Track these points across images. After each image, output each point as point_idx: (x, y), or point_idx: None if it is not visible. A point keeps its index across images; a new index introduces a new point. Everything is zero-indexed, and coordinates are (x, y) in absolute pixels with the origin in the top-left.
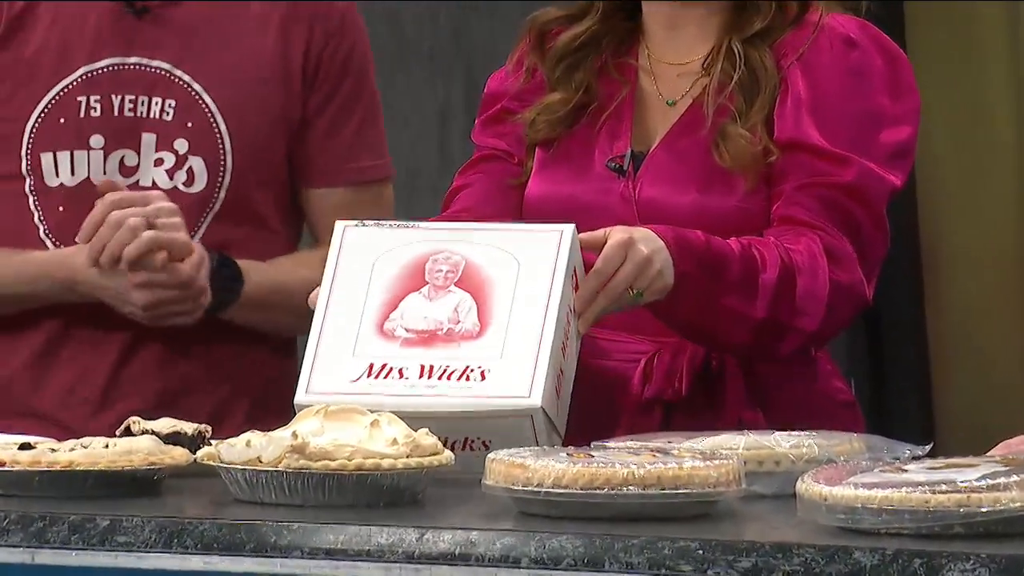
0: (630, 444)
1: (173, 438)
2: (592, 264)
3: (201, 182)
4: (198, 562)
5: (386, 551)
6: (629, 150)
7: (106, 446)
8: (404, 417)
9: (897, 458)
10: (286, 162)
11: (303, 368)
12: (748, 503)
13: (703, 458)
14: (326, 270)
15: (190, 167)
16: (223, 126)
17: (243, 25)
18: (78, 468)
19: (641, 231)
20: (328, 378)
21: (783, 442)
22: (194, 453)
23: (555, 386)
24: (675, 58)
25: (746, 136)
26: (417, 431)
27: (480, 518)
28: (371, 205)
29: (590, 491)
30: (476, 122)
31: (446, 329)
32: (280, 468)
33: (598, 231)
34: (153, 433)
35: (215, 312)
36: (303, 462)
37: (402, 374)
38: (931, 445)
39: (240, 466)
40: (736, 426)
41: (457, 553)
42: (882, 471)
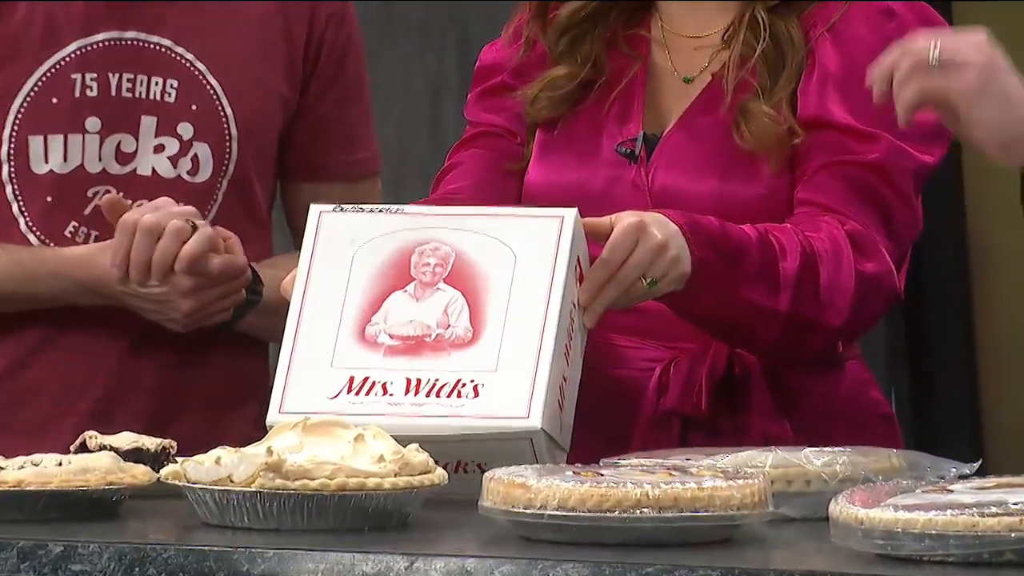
0: (644, 462)
1: (134, 455)
2: (599, 256)
3: (207, 171)
4: None
5: None
6: (641, 133)
7: (59, 464)
8: None
9: (942, 477)
10: (277, 151)
11: (276, 382)
12: (775, 527)
13: (725, 477)
14: (300, 262)
15: (195, 154)
16: (228, 109)
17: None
18: (28, 488)
19: (652, 215)
20: (304, 395)
21: (814, 459)
22: (157, 471)
23: (557, 399)
24: (692, 30)
25: (770, 114)
26: (406, 446)
27: (476, 544)
28: (363, 199)
29: (599, 514)
30: (469, 96)
31: (435, 335)
32: (253, 488)
33: (603, 217)
34: (112, 449)
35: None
36: (279, 481)
37: (386, 389)
38: (980, 463)
39: (209, 486)
40: (762, 442)
41: None
42: (925, 491)
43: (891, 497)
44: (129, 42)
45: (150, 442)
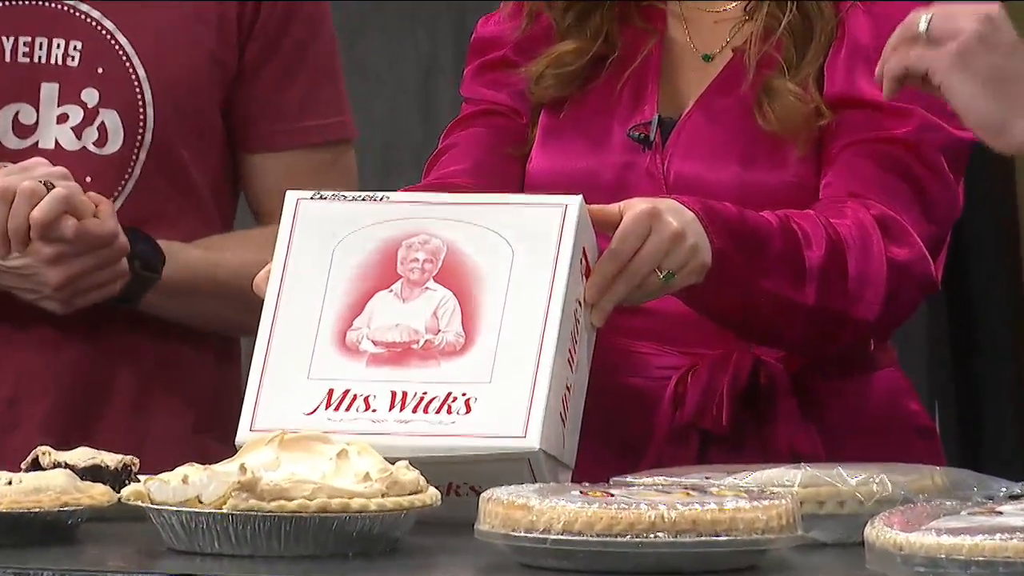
0: (659, 480)
1: (92, 472)
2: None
3: (116, 141)
4: None
5: None
6: (656, 116)
7: (8, 483)
8: None
9: (990, 498)
10: (221, 120)
11: (247, 395)
12: (805, 553)
13: (749, 497)
14: (275, 256)
15: (102, 123)
16: (141, 71)
17: None
18: None
19: (666, 201)
20: (277, 410)
21: (848, 477)
22: (118, 491)
23: (559, 412)
24: (712, 2)
25: (795, 92)
26: (395, 463)
27: (473, 572)
28: (327, 171)
29: (609, 539)
30: (465, 71)
31: (423, 341)
32: (225, 510)
33: (612, 205)
34: (67, 466)
35: (131, 300)
36: (253, 502)
37: (368, 404)
38: None
39: (175, 507)
40: (789, 458)
41: None
42: (971, 513)
43: (933, 520)
44: (26, 1)
45: (110, 459)
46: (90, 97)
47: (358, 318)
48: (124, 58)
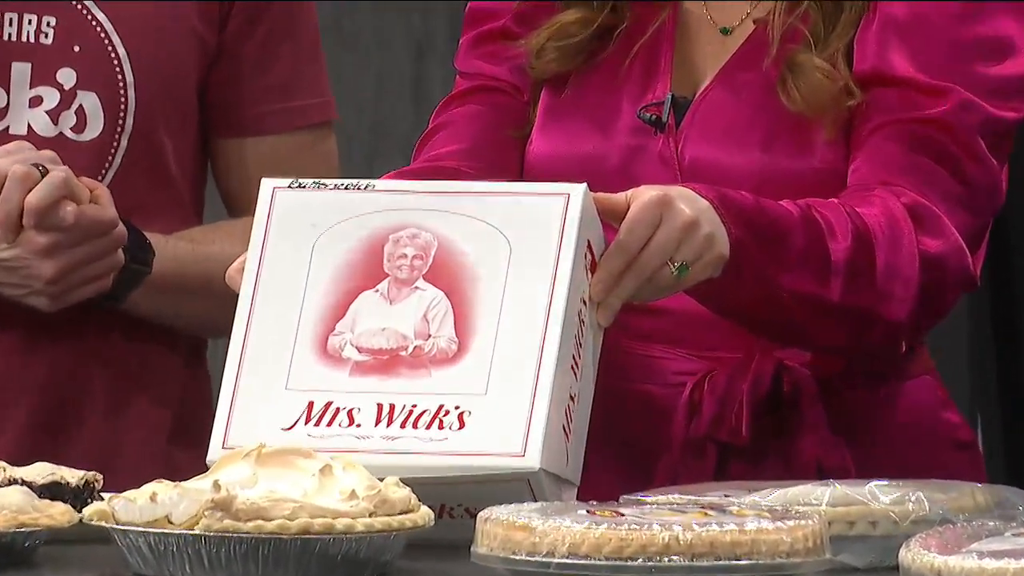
0: (673, 498)
1: (51, 490)
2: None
3: (96, 126)
4: None
5: None
6: (669, 94)
7: None
8: None
9: None
10: (198, 101)
11: (219, 409)
12: None
13: (773, 517)
14: (250, 251)
15: (80, 106)
16: (122, 49)
17: None
18: None
19: (677, 188)
20: (252, 425)
21: (881, 495)
22: (80, 510)
23: (562, 425)
24: None
25: (823, 68)
26: (384, 480)
27: None
28: (308, 156)
29: (619, 562)
30: (461, 42)
31: (412, 347)
32: (197, 531)
33: (618, 194)
34: (24, 483)
35: (118, 298)
36: (228, 522)
37: (352, 418)
38: None
39: (142, 528)
40: (815, 473)
41: None
42: (1016, 535)
43: (975, 542)
44: None
45: (70, 475)
46: (66, 78)
47: (340, 322)
48: (103, 35)
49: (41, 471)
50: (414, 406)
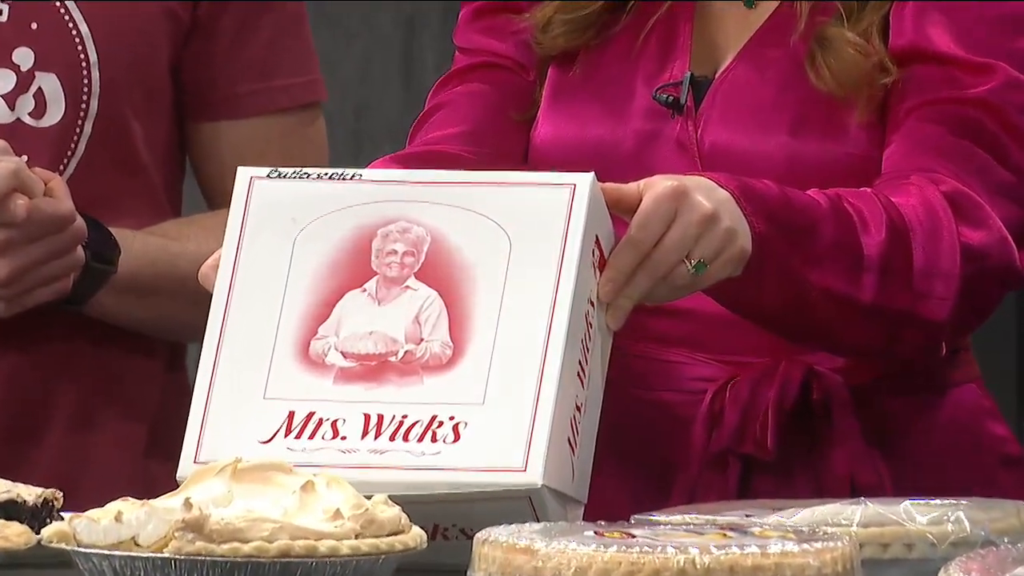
0: (689, 518)
1: (6, 509)
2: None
3: (57, 111)
4: None
5: None
6: (688, 74)
7: None
8: None
9: None
10: (171, 83)
11: (190, 420)
12: None
13: (799, 539)
14: (225, 247)
15: (39, 89)
16: (84, 26)
17: None
18: None
19: (693, 178)
20: (227, 438)
21: (917, 515)
22: (38, 531)
23: (567, 437)
24: None
25: (857, 43)
26: (371, 498)
27: None
28: (293, 141)
29: None
30: (460, 16)
31: (403, 352)
32: (166, 554)
33: (629, 184)
34: None
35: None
36: (200, 544)
37: (336, 430)
38: None
39: (106, 551)
40: (848, 490)
41: None
42: None
43: (1020, 566)
44: None
45: (28, 493)
46: (23, 59)
47: (324, 324)
48: (63, 11)
49: None
50: (404, 417)
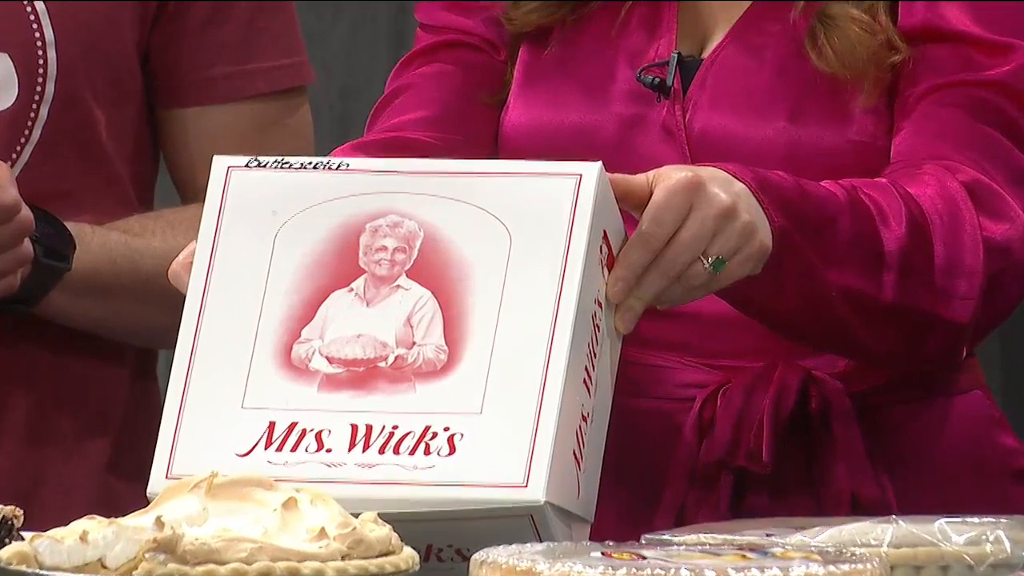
0: (705, 538)
1: None
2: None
3: (9, 94)
4: None
5: None
6: (675, 53)
7: None
8: None
9: None
10: (139, 67)
11: (161, 431)
12: None
13: (824, 560)
14: (199, 242)
15: None
16: (40, 3)
17: None
18: None
19: (708, 169)
20: (201, 451)
21: (953, 534)
22: None
23: (572, 449)
24: None
25: (862, 20)
26: (359, 516)
27: None
28: (276, 130)
29: None
30: None
31: (393, 357)
32: None
33: (637, 176)
34: None
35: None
36: (173, 566)
37: (321, 442)
38: None
39: (71, 573)
40: (850, 508)
41: None
42: None
43: None
44: None
45: None
46: None
47: (308, 327)
48: None
49: None
50: (395, 427)
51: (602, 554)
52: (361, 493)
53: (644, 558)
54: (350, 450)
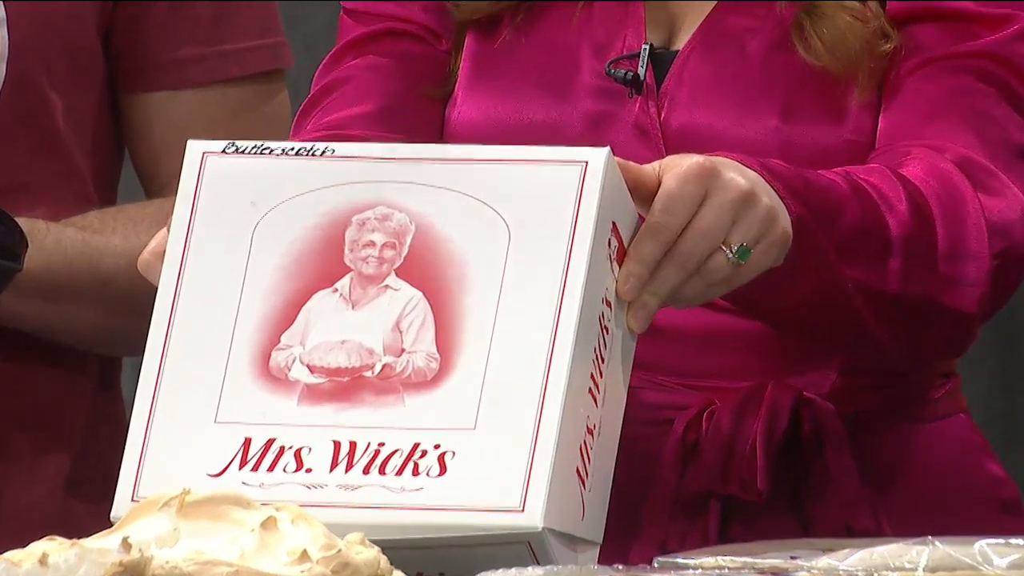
0: (724, 561)
1: None
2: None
3: None
4: None
5: None
6: (646, 44)
7: None
8: None
9: None
10: (100, 48)
11: (127, 449)
12: None
13: None
14: (171, 235)
15: None
16: None
17: None
18: None
19: (718, 157)
20: (171, 470)
21: (995, 556)
22: None
23: (576, 466)
24: None
25: (853, 7)
26: (344, 537)
27: None
28: (250, 117)
29: None
30: None
31: (380, 366)
32: None
33: (644, 165)
34: None
35: None
36: None
37: (301, 461)
38: None
39: None
40: (843, 533)
41: None
42: None
43: None
44: None
45: None
46: None
47: (288, 331)
48: None
49: None
50: (381, 445)
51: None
52: (343, 518)
53: None
54: (332, 470)
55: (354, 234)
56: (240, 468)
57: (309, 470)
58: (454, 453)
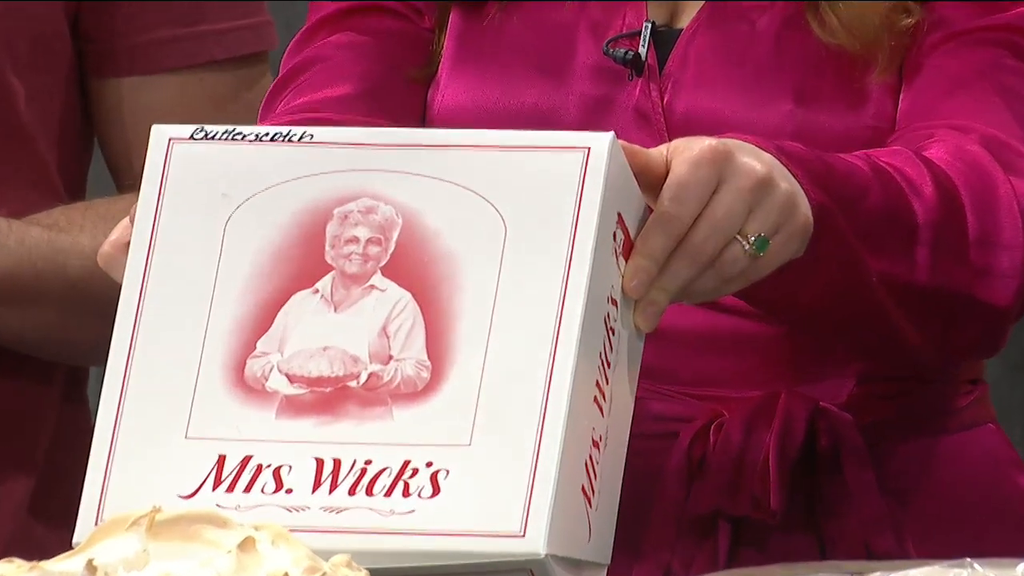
0: None
1: None
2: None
3: None
4: None
5: None
6: (648, 23)
7: None
8: None
9: None
10: (68, 29)
11: (90, 468)
12: None
13: None
14: (136, 229)
15: None
16: None
17: None
18: None
19: (731, 139)
20: (138, 491)
21: None
22: None
23: (580, 484)
24: None
25: None
26: (329, 559)
27: None
28: (231, 104)
29: None
30: None
31: (366, 375)
32: None
33: (651, 150)
34: None
35: None
36: None
37: (280, 480)
38: None
39: None
40: (863, 555)
41: None
42: None
43: None
44: None
45: None
46: None
47: (264, 337)
48: None
49: None
50: (368, 462)
51: None
52: (328, 543)
53: None
54: (314, 490)
55: (336, 229)
56: (214, 488)
57: (289, 491)
58: (448, 472)
